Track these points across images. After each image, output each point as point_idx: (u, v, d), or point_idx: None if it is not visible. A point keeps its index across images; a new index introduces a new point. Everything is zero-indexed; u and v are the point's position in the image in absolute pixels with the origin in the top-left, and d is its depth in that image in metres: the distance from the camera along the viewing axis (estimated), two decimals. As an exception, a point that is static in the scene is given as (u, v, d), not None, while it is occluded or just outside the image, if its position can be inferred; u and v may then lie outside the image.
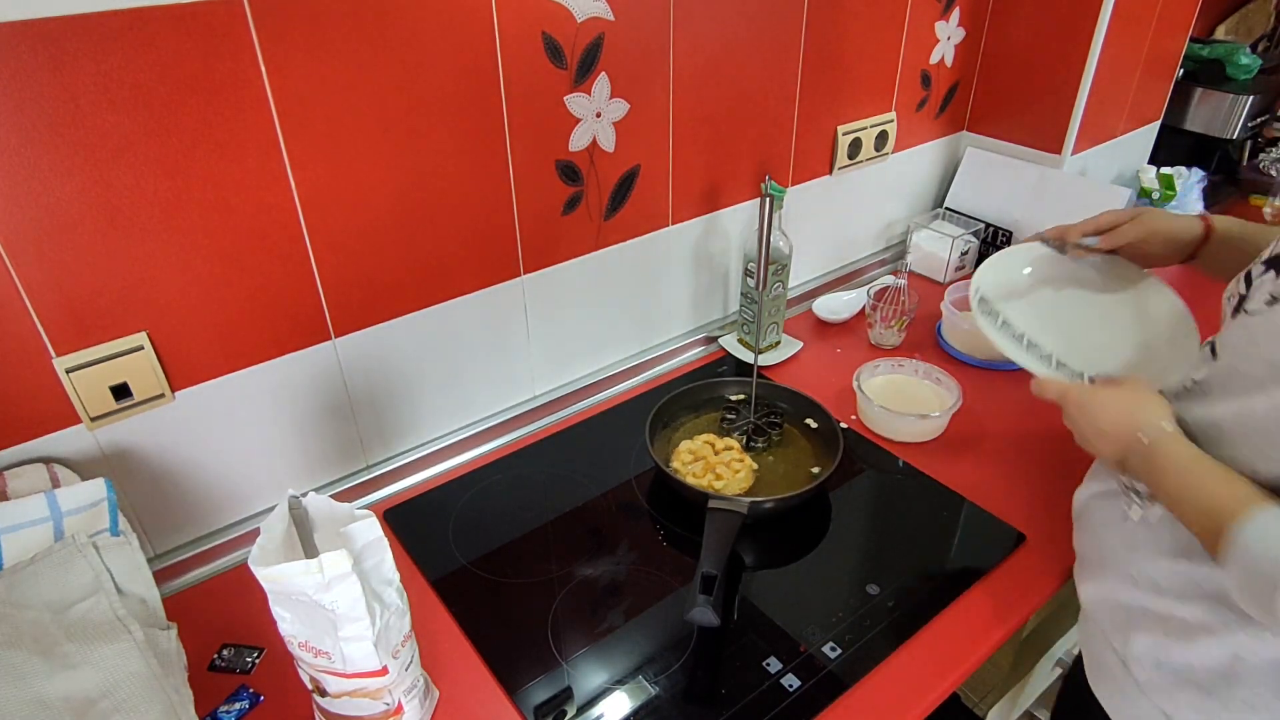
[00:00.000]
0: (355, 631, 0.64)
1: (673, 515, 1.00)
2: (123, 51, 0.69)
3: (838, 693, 0.78)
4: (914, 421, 1.10)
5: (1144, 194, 1.58)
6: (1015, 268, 0.96)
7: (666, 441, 1.09)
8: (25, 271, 0.72)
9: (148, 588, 0.74)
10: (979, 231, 1.52)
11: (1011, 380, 1.23)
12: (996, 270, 0.94)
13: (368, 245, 0.91)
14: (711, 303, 1.34)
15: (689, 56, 1.08)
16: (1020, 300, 0.93)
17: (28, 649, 0.63)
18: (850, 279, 1.52)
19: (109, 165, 0.72)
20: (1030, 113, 1.48)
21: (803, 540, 0.97)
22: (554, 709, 0.77)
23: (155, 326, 0.81)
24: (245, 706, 0.78)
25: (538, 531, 0.98)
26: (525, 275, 1.06)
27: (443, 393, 1.07)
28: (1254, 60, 1.71)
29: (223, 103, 0.76)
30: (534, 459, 1.10)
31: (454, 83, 0.89)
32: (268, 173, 0.81)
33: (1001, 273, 0.94)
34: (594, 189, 1.07)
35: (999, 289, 0.93)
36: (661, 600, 0.89)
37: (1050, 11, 1.38)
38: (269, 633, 0.68)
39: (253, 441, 0.93)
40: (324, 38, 0.79)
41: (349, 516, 0.66)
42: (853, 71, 1.30)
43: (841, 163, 1.37)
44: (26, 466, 0.78)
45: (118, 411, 0.81)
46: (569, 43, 0.96)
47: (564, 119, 1.00)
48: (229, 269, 0.83)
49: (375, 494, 1.04)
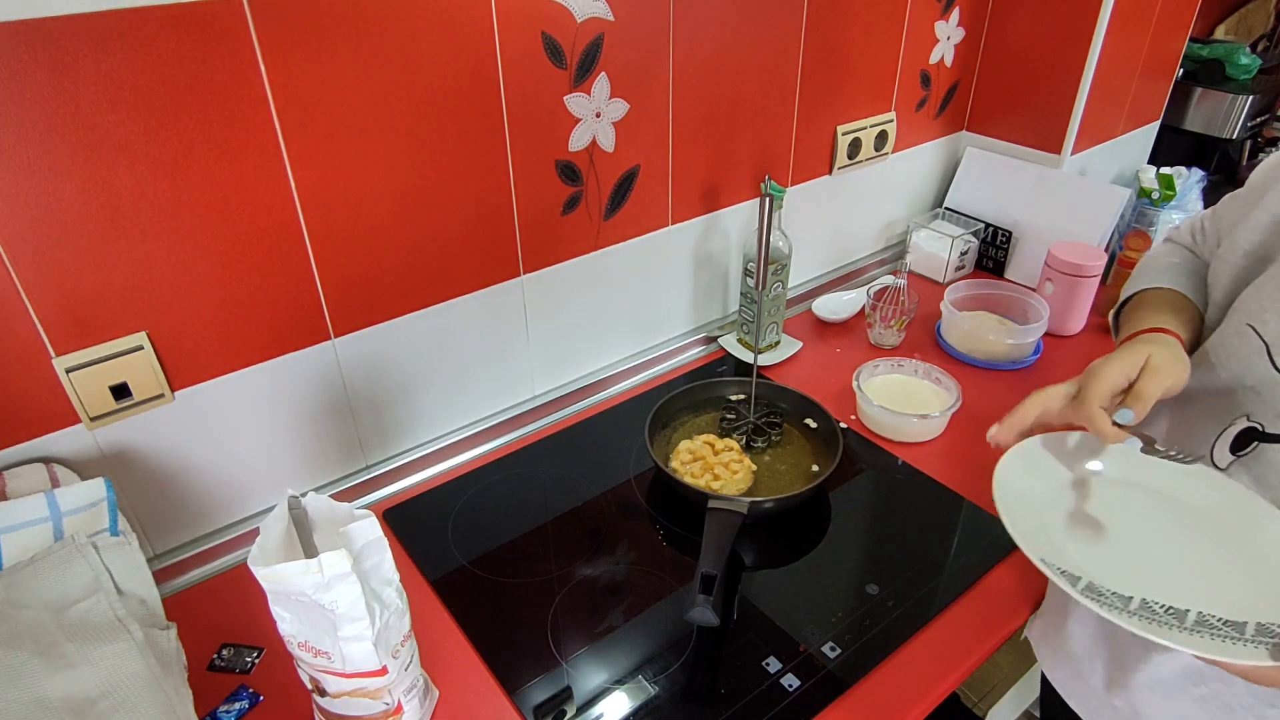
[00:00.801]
0: (355, 631, 0.64)
1: (672, 515, 1.00)
2: (122, 52, 0.69)
3: (838, 693, 0.78)
4: (914, 421, 1.10)
5: (1144, 194, 1.58)
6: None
7: (666, 441, 1.09)
8: (25, 271, 0.72)
9: (147, 588, 0.74)
10: (979, 231, 1.52)
11: (1011, 380, 1.24)
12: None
13: (367, 245, 0.91)
14: (711, 302, 1.34)
15: (689, 56, 1.08)
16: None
17: (27, 649, 0.63)
18: (850, 279, 1.52)
19: (109, 165, 0.72)
20: (1030, 112, 1.48)
21: (802, 540, 0.97)
22: (554, 709, 0.77)
23: (155, 326, 0.81)
24: (245, 706, 0.78)
25: (537, 531, 0.98)
26: (525, 275, 1.06)
27: (442, 393, 1.07)
28: (1254, 60, 1.71)
29: (222, 103, 0.76)
30: (534, 459, 1.10)
31: (454, 82, 0.89)
32: (267, 172, 0.81)
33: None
34: (594, 189, 1.07)
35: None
36: (661, 600, 0.89)
37: (1050, 11, 1.38)
38: (269, 632, 0.68)
39: (252, 441, 0.93)
40: (324, 38, 0.79)
41: (349, 516, 0.66)
42: (852, 71, 1.31)
43: (841, 163, 1.37)
44: (26, 466, 0.78)
45: (117, 411, 0.81)
46: (569, 43, 0.96)
47: (564, 119, 1.00)
48: (229, 269, 0.83)
49: (375, 494, 1.04)
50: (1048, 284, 1.33)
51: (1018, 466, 0.74)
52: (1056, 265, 1.31)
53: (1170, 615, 0.62)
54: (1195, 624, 0.61)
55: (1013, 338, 1.24)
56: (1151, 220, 1.49)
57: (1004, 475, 0.73)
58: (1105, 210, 1.38)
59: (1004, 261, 1.51)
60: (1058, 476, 0.76)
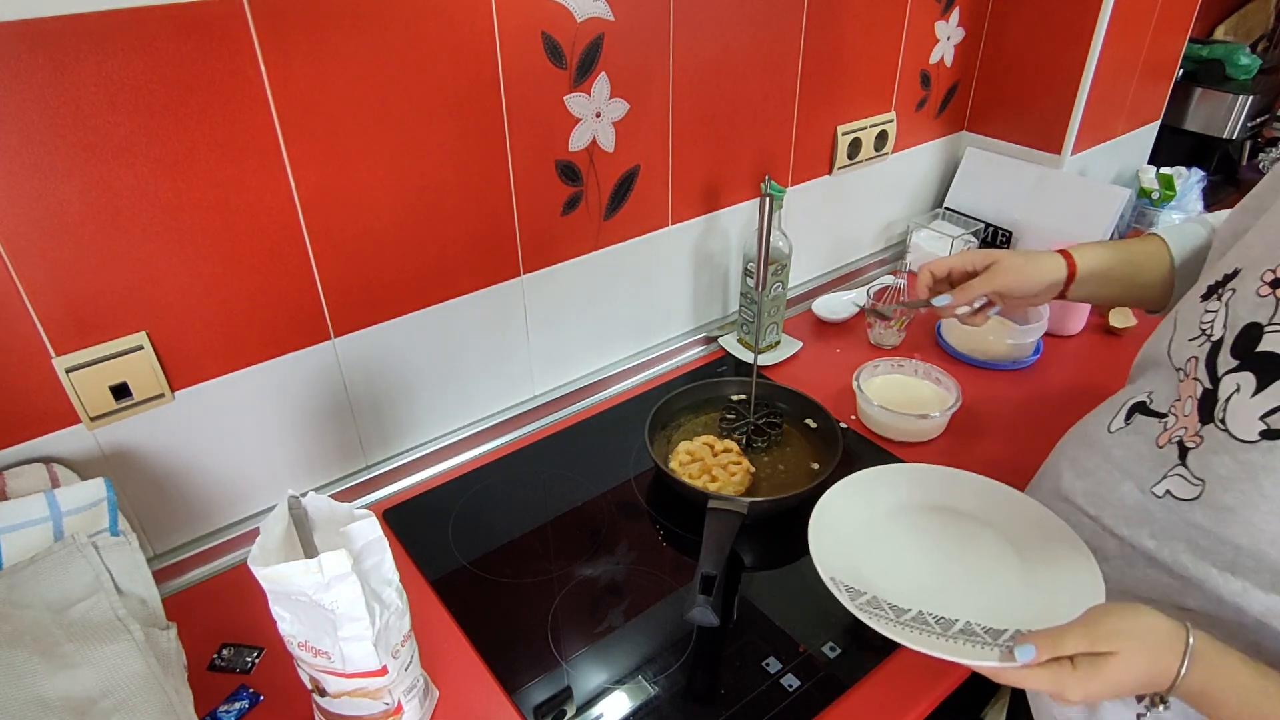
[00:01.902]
0: (355, 631, 0.64)
1: (672, 515, 1.00)
2: (123, 52, 0.69)
3: (837, 693, 0.78)
4: (914, 421, 1.10)
5: (1144, 194, 1.58)
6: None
7: (666, 441, 1.09)
8: (25, 271, 0.72)
9: (147, 587, 0.74)
10: (979, 231, 1.52)
11: (1011, 380, 1.24)
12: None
13: (367, 245, 0.91)
14: (711, 302, 1.34)
15: (689, 56, 1.08)
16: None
17: (27, 649, 0.63)
18: (850, 279, 1.52)
19: (109, 165, 0.72)
20: (1030, 113, 1.48)
21: (802, 540, 0.97)
22: (553, 709, 0.77)
23: (155, 326, 0.81)
24: (245, 706, 0.78)
25: (537, 531, 0.98)
26: (525, 275, 1.06)
27: (442, 392, 1.07)
28: (1253, 60, 1.71)
29: (223, 103, 0.76)
30: (534, 459, 1.10)
31: (454, 82, 0.89)
32: (268, 172, 0.81)
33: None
34: (594, 189, 1.07)
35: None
36: (661, 600, 0.89)
37: (1050, 12, 1.38)
38: (269, 632, 0.68)
39: (252, 441, 0.93)
40: (324, 38, 0.79)
41: (349, 516, 0.66)
42: (852, 71, 1.31)
43: (841, 163, 1.37)
44: (26, 466, 0.78)
45: (117, 411, 0.81)
46: (569, 43, 0.96)
47: (564, 119, 1.00)
48: (229, 269, 0.83)
49: (375, 494, 1.04)
50: (1048, 284, 1.33)
51: (845, 493, 0.83)
52: (1056, 265, 1.31)
53: (939, 625, 0.68)
54: (958, 632, 0.66)
55: (1013, 338, 1.24)
56: (1151, 220, 1.50)
57: (826, 501, 0.82)
58: (1105, 210, 1.38)
59: (1004, 261, 1.51)
60: (878, 504, 0.84)
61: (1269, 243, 0.65)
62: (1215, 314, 0.66)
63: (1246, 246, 0.68)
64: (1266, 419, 0.59)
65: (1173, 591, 0.66)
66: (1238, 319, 0.63)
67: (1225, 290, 0.66)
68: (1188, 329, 0.69)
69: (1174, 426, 0.67)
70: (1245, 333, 0.62)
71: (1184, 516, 0.65)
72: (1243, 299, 0.64)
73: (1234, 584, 0.62)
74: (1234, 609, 0.62)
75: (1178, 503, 0.65)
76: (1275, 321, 0.61)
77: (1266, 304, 0.62)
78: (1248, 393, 0.60)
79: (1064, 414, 0.91)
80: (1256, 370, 0.60)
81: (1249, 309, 0.63)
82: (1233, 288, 0.66)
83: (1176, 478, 0.66)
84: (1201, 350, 0.66)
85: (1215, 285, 0.68)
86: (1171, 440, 0.67)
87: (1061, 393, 1.20)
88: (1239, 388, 0.61)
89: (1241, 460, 0.60)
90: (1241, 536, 0.60)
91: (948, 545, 0.79)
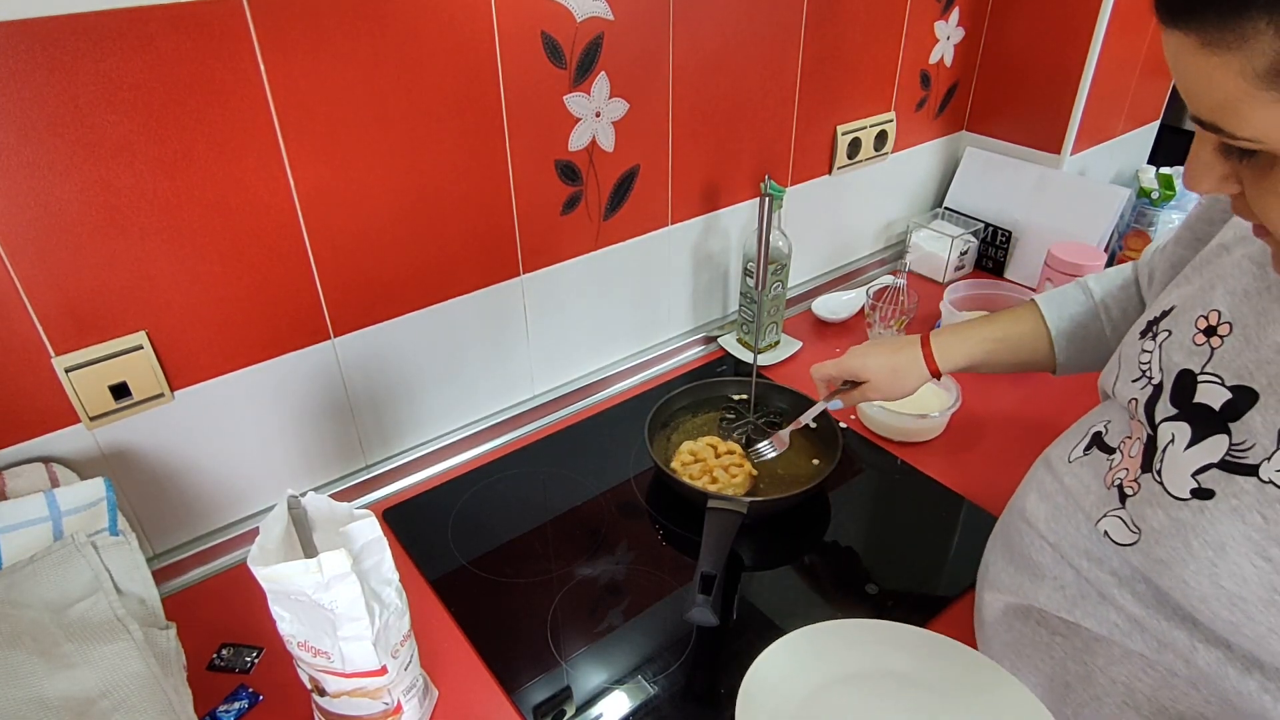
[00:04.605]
0: (354, 631, 0.64)
1: (672, 515, 1.00)
2: (122, 51, 0.69)
3: (837, 692, 0.78)
4: (913, 421, 1.10)
5: (1143, 194, 1.58)
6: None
7: (666, 441, 1.09)
8: (25, 271, 0.72)
9: (147, 587, 0.74)
10: (978, 231, 1.52)
11: (1011, 380, 1.23)
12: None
13: (367, 244, 0.91)
14: (711, 302, 1.34)
15: (688, 56, 1.08)
16: None
17: (27, 649, 0.63)
18: (850, 279, 1.52)
19: (108, 164, 0.72)
20: (1030, 112, 1.48)
21: (802, 540, 0.97)
22: (553, 709, 0.77)
23: (155, 326, 0.81)
24: (244, 706, 0.78)
25: (537, 531, 0.98)
26: (525, 275, 1.06)
27: (442, 392, 1.07)
28: (1253, 60, 1.71)
29: (222, 102, 0.76)
30: (533, 459, 1.10)
31: (453, 82, 0.89)
32: (267, 172, 0.81)
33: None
34: (593, 188, 1.07)
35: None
36: (661, 600, 0.89)
37: (1050, 11, 1.38)
38: (268, 632, 0.68)
39: (252, 441, 0.93)
40: (323, 37, 0.79)
41: (348, 516, 0.66)
42: (852, 71, 1.31)
43: (841, 162, 1.37)
44: (26, 466, 0.78)
45: (117, 411, 0.81)
46: (568, 42, 0.96)
47: (563, 118, 1.00)
48: (228, 268, 0.83)
49: (375, 493, 1.04)
50: (1047, 284, 1.33)
51: (777, 663, 0.74)
52: (1056, 265, 1.31)
53: None
54: None
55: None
56: (1151, 220, 1.49)
57: (755, 675, 0.73)
58: (1105, 210, 1.38)
59: (1004, 261, 1.51)
60: (811, 678, 0.75)
61: (1204, 283, 0.64)
62: (1151, 354, 0.65)
63: (1184, 281, 0.67)
64: (1197, 476, 0.57)
65: (1119, 634, 0.65)
66: (1172, 364, 0.62)
67: (1160, 331, 0.65)
68: (1130, 368, 0.68)
69: (1117, 466, 0.66)
70: (1180, 380, 0.61)
71: (1126, 559, 0.64)
72: (1177, 343, 0.63)
73: (1178, 634, 0.60)
74: (1182, 659, 0.61)
75: (1117, 546, 0.64)
76: (1207, 371, 0.59)
77: (1201, 352, 0.60)
78: (1182, 444, 0.59)
79: (1064, 414, 0.91)
80: (1191, 422, 0.59)
81: (1183, 354, 0.62)
82: (1167, 329, 0.64)
83: (1115, 519, 0.65)
84: (1143, 394, 0.65)
85: (1152, 323, 0.67)
86: (1114, 482, 0.66)
87: (1062, 392, 1.20)
88: (1174, 438, 0.60)
89: (1174, 517, 0.59)
90: (1175, 591, 0.59)
91: (882, 704, 0.73)
